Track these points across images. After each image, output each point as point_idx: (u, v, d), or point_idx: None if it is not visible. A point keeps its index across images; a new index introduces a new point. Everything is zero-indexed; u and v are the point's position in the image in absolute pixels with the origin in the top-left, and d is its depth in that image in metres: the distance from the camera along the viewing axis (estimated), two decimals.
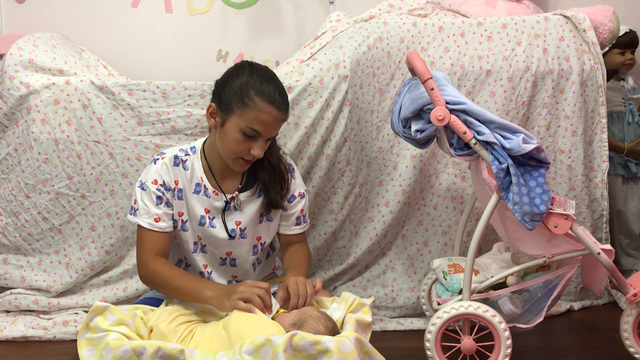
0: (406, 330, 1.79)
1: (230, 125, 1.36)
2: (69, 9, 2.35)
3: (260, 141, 1.37)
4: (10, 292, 1.84)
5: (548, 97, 1.88)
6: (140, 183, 1.43)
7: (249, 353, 1.07)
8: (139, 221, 1.40)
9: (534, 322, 1.43)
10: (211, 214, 1.48)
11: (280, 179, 1.50)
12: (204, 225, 1.47)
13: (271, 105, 1.34)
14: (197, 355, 1.12)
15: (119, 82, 1.80)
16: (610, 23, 1.92)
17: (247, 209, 1.50)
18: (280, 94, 1.37)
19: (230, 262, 1.53)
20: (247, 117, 1.34)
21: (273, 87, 1.36)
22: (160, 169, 1.43)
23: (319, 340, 1.07)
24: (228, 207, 1.48)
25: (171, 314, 1.29)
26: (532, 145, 1.29)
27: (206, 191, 1.46)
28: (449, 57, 1.86)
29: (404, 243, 1.92)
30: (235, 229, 1.49)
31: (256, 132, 1.35)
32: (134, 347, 1.10)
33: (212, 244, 1.50)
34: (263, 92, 1.34)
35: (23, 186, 1.82)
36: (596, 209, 1.94)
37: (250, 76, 1.37)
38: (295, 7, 2.37)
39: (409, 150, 1.84)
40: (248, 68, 1.39)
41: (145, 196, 1.41)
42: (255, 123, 1.34)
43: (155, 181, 1.42)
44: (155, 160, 1.45)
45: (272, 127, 1.37)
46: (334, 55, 1.81)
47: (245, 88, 1.35)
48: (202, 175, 1.47)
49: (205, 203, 1.47)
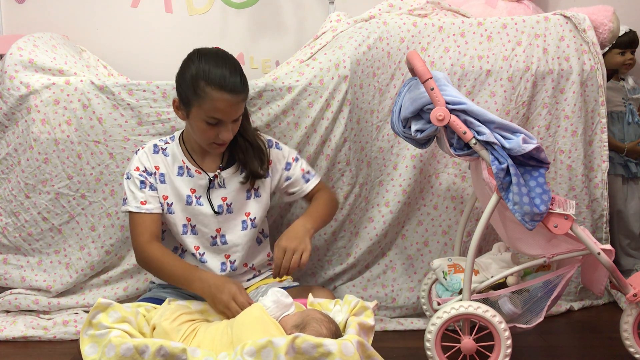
0: (406, 330, 1.79)
1: (193, 117, 1.43)
2: (69, 9, 2.35)
3: (225, 126, 1.42)
4: (10, 292, 1.84)
5: (548, 97, 1.88)
6: (126, 174, 1.52)
7: (251, 354, 1.07)
8: (128, 207, 1.48)
9: (534, 322, 1.43)
10: (197, 193, 1.53)
11: (259, 152, 1.55)
12: (191, 204, 1.52)
13: (222, 91, 1.37)
14: (199, 354, 1.12)
15: (119, 82, 1.80)
16: (610, 23, 1.92)
17: (231, 184, 1.55)
18: (231, 74, 1.39)
19: (221, 240, 1.55)
20: (204, 107, 1.39)
21: (222, 72, 1.38)
22: (141, 157, 1.52)
23: (321, 343, 1.07)
24: (213, 185, 1.53)
25: (174, 312, 1.29)
26: (532, 145, 1.29)
27: (189, 171, 1.53)
28: (449, 57, 1.86)
29: (404, 243, 1.92)
30: (222, 204, 1.53)
31: (217, 119, 1.40)
32: (136, 345, 1.10)
33: (201, 222, 1.53)
34: (212, 80, 1.37)
35: (23, 186, 1.82)
36: (596, 209, 1.94)
37: (198, 65, 1.40)
38: (295, 7, 2.37)
39: (409, 150, 1.84)
40: (196, 57, 1.44)
41: (130, 184, 1.50)
42: (212, 112, 1.39)
43: (137, 168, 1.51)
44: (136, 151, 1.55)
45: (232, 111, 1.41)
46: (334, 55, 1.81)
47: (195, 80, 1.39)
48: (183, 158, 1.53)
49: (190, 183, 1.53)
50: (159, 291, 1.56)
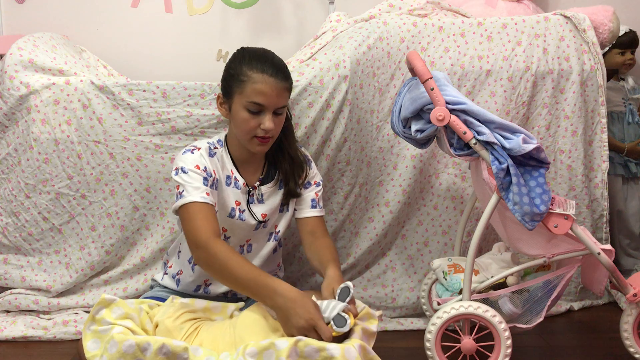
0: (406, 330, 1.79)
1: (236, 107, 1.41)
2: (69, 9, 2.35)
3: (267, 114, 1.39)
4: (10, 292, 1.84)
5: (548, 97, 1.88)
6: (180, 169, 1.38)
7: (252, 355, 1.07)
8: (192, 198, 1.33)
9: (534, 322, 1.43)
10: (241, 207, 1.50)
11: (299, 169, 1.54)
12: (233, 217, 1.49)
13: (264, 74, 1.37)
14: (200, 353, 1.12)
15: (119, 82, 1.80)
16: (610, 23, 1.92)
17: (270, 201, 1.53)
18: (274, 64, 1.40)
19: (247, 248, 1.55)
20: (246, 92, 1.38)
21: (264, 59, 1.40)
22: (199, 158, 1.41)
23: (324, 347, 1.07)
24: (252, 201, 1.51)
25: (177, 310, 1.29)
26: (532, 145, 1.29)
27: (237, 183, 1.49)
28: (449, 57, 1.86)
29: (404, 243, 1.92)
30: (262, 220, 1.52)
31: (259, 104, 1.38)
32: (138, 342, 1.10)
33: (237, 235, 1.52)
34: (254, 65, 1.38)
35: (23, 186, 1.82)
36: (596, 209, 1.94)
37: (243, 58, 1.41)
38: (295, 7, 2.37)
39: (409, 150, 1.84)
40: (241, 52, 1.45)
41: (189, 177, 1.37)
42: (254, 95, 1.37)
43: (197, 166, 1.39)
44: (191, 150, 1.43)
45: (274, 96, 1.38)
46: (334, 55, 1.81)
47: (239, 67, 1.40)
48: (232, 168, 1.49)
49: (236, 195, 1.49)
50: (160, 291, 1.56)
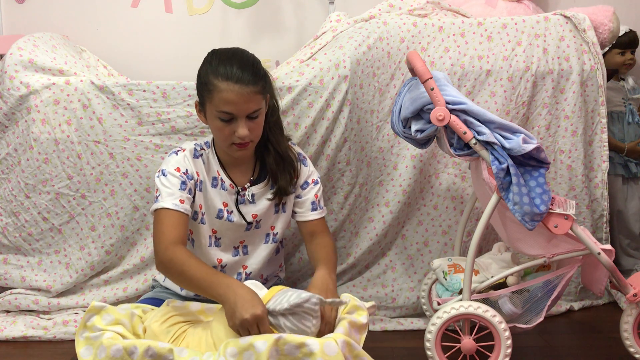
0: (406, 330, 1.79)
1: (209, 115, 1.38)
2: (69, 9, 2.35)
3: (239, 121, 1.35)
4: (10, 292, 1.84)
5: (548, 97, 1.88)
6: (161, 172, 1.40)
7: (233, 355, 1.07)
8: (163, 204, 1.34)
9: (534, 322, 1.43)
10: (229, 207, 1.49)
11: (289, 167, 1.50)
12: (221, 218, 1.48)
13: (229, 81, 1.32)
14: (185, 354, 1.12)
15: (119, 82, 1.80)
16: (610, 23, 1.92)
17: (261, 201, 1.51)
18: (241, 67, 1.34)
19: (243, 250, 1.53)
20: (214, 102, 1.34)
21: (231, 64, 1.34)
22: (182, 160, 1.42)
23: (304, 342, 1.07)
24: (242, 201, 1.49)
25: (165, 315, 1.29)
26: (532, 145, 1.29)
27: (223, 184, 1.48)
28: (449, 57, 1.86)
29: (404, 243, 1.92)
30: (252, 221, 1.50)
31: (228, 113, 1.34)
32: (125, 346, 1.12)
33: (228, 236, 1.51)
34: (219, 72, 1.33)
35: (23, 186, 1.82)
36: (596, 209, 1.94)
37: (210, 63, 1.37)
38: (295, 7, 2.37)
39: (409, 150, 1.84)
40: (210, 56, 1.40)
41: (167, 182, 1.38)
42: (222, 105, 1.33)
43: (178, 169, 1.40)
44: (175, 152, 1.44)
45: (242, 103, 1.33)
46: (334, 55, 1.81)
47: (206, 75, 1.36)
48: (219, 169, 1.48)
49: (223, 196, 1.48)
50: (161, 292, 1.56)
